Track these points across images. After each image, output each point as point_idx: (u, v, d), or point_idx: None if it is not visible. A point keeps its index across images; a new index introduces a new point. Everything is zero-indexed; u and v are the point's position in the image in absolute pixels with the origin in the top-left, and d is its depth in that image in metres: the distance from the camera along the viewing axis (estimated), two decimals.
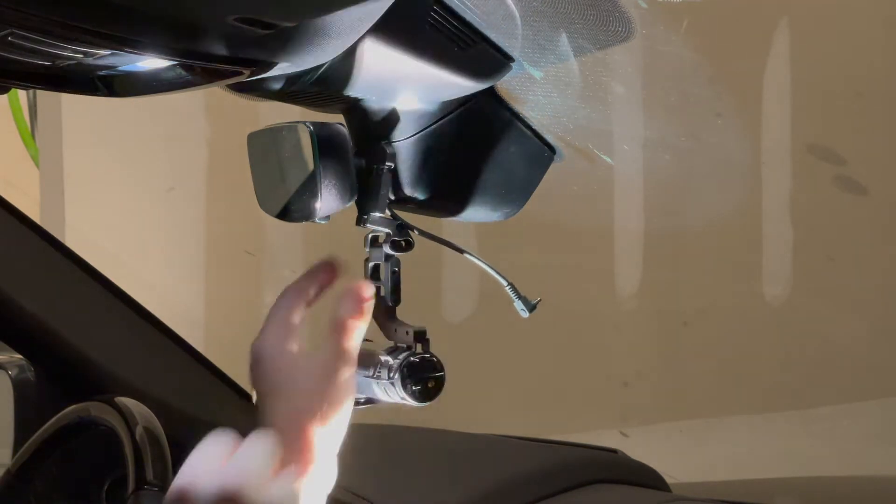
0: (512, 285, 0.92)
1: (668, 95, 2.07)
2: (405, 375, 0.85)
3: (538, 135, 0.93)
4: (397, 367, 0.85)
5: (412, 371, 0.85)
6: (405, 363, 0.85)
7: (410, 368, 0.85)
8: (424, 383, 0.86)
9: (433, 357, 0.86)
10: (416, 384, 0.85)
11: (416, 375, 0.85)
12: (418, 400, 0.86)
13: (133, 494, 1.25)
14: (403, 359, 0.85)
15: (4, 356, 1.62)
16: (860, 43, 2.62)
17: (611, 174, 2.64)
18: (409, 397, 0.86)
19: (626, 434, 2.75)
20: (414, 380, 0.85)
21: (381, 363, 0.86)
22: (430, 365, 0.86)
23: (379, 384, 0.87)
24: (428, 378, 0.86)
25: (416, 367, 0.85)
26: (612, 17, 0.85)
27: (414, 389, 0.85)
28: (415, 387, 0.85)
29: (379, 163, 0.87)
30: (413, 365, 0.85)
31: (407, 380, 0.85)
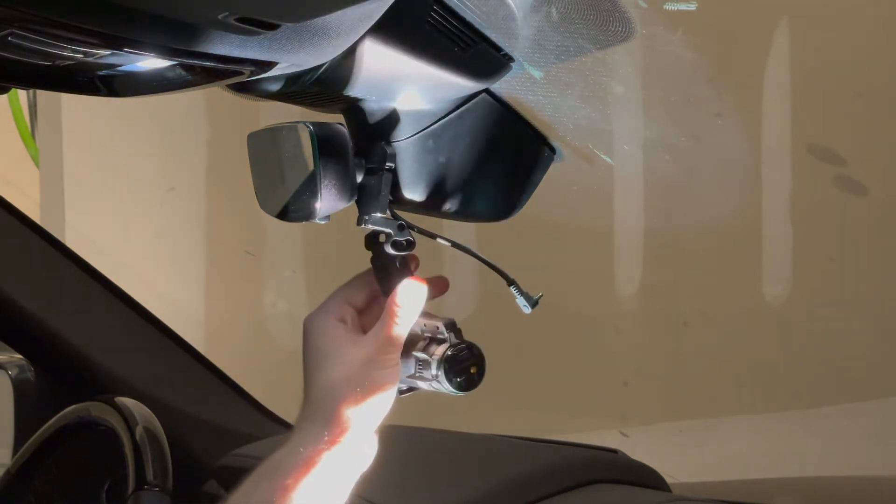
0: (514, 282, 0.92)
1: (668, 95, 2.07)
2: (447, 370, 0.85)
3: (538, 135, 0.93)
4: (437, 363, 0.85)
5: (452, 364, 0.85)
6: (444, 358, 0.85)
7: (450, 362, 0.85)
8: (467, 372, 0.86)
9: (472, 344, 0.87)
10: (459, 375, 0.85)
11: (458, 367, 0.85)
12: (464, 390, 0.87)
13: (133, 494, 1.25)
14: (441, 353, 0.85)
15: (4, 356, 1.62)
16: (860, 43, 2.62)
17: (611, 174, 2.64)
18: (455, 389, 0.86)
19: (626, 434, 2.75)
20: (456, 372, 0.85)
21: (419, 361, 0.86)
22: (467, 354, 0.86)
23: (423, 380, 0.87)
24: (469, 366, 0.86)
25: (455, 359, 0.85)
26: (612, 17, 0.85)
27: (458, 381, 0.86)
28: (458, 378, 0.86)
29: (379, 163, 0.87)
30: (452, 358, 0.85)
31: (450, 373, 0.85)
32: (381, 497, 1.21)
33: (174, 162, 3.04)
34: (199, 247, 3.04)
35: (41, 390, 1.59)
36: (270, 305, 3.04)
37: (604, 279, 2.84)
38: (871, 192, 2.65)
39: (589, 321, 2.85)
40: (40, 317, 1.52)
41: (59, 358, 1.54)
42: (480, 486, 1.25)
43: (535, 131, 0.92)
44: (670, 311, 2.82)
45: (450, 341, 0.86)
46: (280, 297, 3.04)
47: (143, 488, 1.25)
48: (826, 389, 2.70)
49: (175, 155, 3.03)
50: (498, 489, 1.25)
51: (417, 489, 1.27)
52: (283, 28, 0.68)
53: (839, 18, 2.65)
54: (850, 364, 2.67)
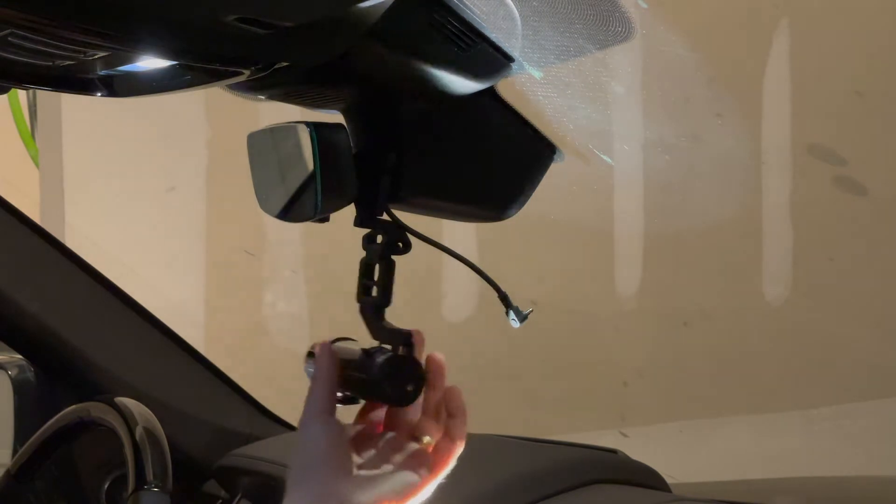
0: (504, 294, 0.91)
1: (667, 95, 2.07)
2: (384, 376, 0.84)
3: (538, 135, 0.92)
4: (377, 367, 0.84)
5: (392, 372, 0.84)
6: (385, 364, 0.84)
7: (391, 370, 0.84)
8: (403, 386, 0.84)
9: (415, 360, 0.85)
10: (395, 386, 0.84)
11: (396, 377, 0.84)
12: (395, 402, 0.85)
13: (133, 494, 1.25)
14: (384, 360, 0.84)
15: (4, 356, 1.62)
16: (860, 43, 2.62)
17: (611, 174, 2.64)
18: (387, 398, 0.85)
19: (626, 434, 2.75)
20: (393, 381, 0.84)
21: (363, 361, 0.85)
22: (411, 368, 0.85)
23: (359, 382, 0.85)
24: (406, 381, 0.85)
25: (396, 368, 0.84)
26: (611, 17, 0.85)
27: (391, 391, 0.84)
28: (392, 388, 0.84)
29: (379, 163, 0.87)
30: (394, 366, 0.84)
31: (385, 381, 0.84)
32: None
33: (174, 162, 3.04)
34: (199, 247, 3.04)
35: (41, 390, 1.59)
36: (270, 305, 3.04)
37: (604, 279, 2.84)
38: (871, 192, 2.65)
39: (589, 321, 2.86)
40: (40, 317, 1.52)
41: (59, 358, 1.54)
42: (480, 485, 1.24)
43: (535, 131, 0.92)
44: (670, 311, 2.82)
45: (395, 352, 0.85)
46: (280, 297, 3.04)
47: (142, 488, 1.25)
48: (826, 389, 2.70)
49: (175, 155, 3.03)
50: (498, 489, 1.25)
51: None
52: (283, 28, 0.68)
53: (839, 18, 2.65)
54: (850, 364, 2.67)
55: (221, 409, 1.63)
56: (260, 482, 1.44)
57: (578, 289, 2.85)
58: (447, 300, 2.79)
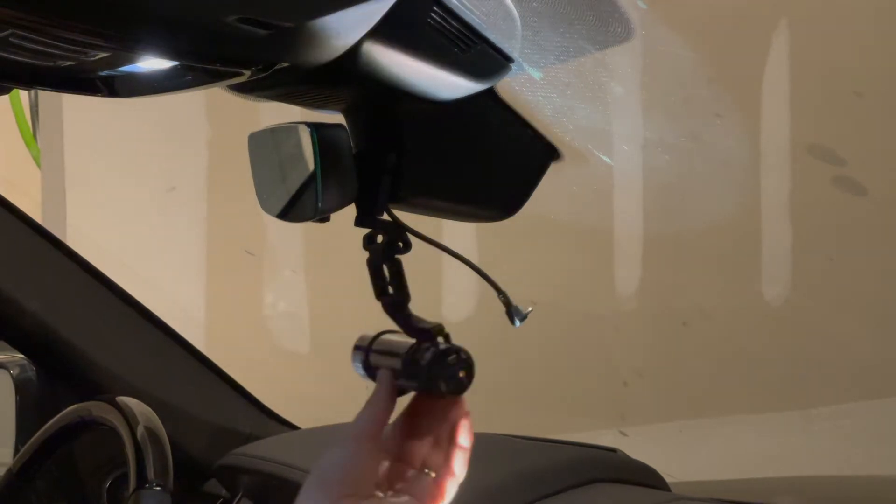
0: (504, 294, 0.91)
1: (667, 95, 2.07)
2: (437, 373, 0.85)
3: (538, 135, 0.93)
4: (426, 367, 0.85)
5: (442, 367, 0.84)
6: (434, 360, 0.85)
7: (440, 365, 0.85)
8: (456, 376, 0.85)
9: (460, 348, 0.86)
10: (449, 378, 0.85)
11: (447, 370, 0.85)
12: (454, 393, 0.86)
13: (134, 493, 1.25)
14: (430, 358, 0.85)
15: (6, 356, 1.62)
16: (860, 43, 2.62)
17: (610, 174, 2.64)
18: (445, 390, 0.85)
19: (625, 434, 2.75)
20: (446, 375, 0.85)
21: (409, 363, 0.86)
22: (457, 357, 0.85)
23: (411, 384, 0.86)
24: (458, 369, 0.85)
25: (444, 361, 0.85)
26: (611, 17, 0.85)
27: (448, 384, 0.85)
28: (447, 381, 0.85)
29: (379, 163, 0.87)
30: (442, 360, 0.85)
31: (439, 377, 0.85)
32: None
33: (174, 162, 3.04)
34: (200, 247, 3.04)
35: (42, 390, 1.59)
36: (270, 305, 3.04)
37: (604, 279, 2.84)
38: (870, 192, 2.65)
39: (589, 321, 2.86)
40: (42, 316, 1.52)
41: (61, 358, 1.54)
42: (480, 484, 1.24)
43: (535, 131, 0.92)
44: (670, 311, 2.82)
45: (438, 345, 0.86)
46: (280, 297, 3.04)
47: (144, 487, 1.25)
48: (826, 389, 2.70)
49: (175, 155, 3.04)
50: (498, 488, 1.25)
51: None
52: (283, 28, 0.68)
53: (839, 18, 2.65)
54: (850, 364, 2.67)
55: (222, 408, 1.64)
56: (260, 481, 1.44)
57: (578, 289, 2.85)
58: (447, 300, 2.79)
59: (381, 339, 0.89)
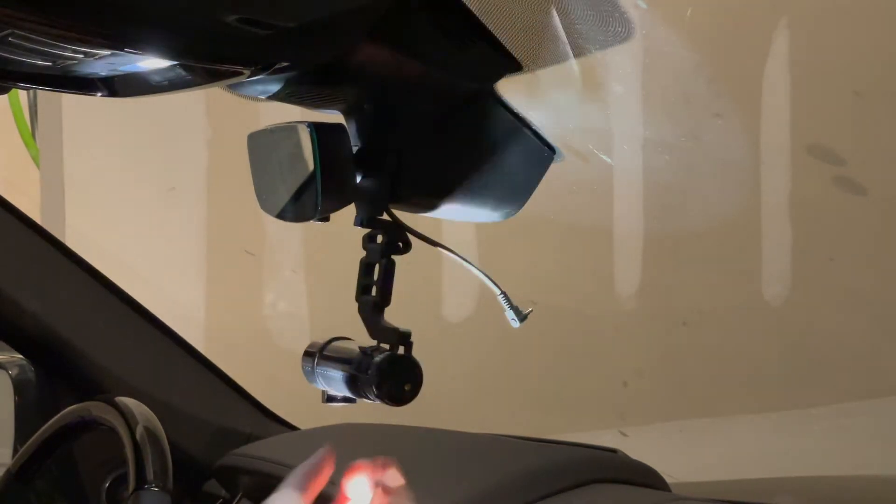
0: (504, 294, 0.91)
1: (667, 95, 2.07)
2: (383, 375, 0.84)
3: (538, 135, 0.93)
4: (375, 365, 0.85)
5: (389, 371, 0.84)
6: (383, 363, 0.85)
7: (388, 369, 0.84)
8: (400, 385, 0.85)
9: (413, 360, 0.86)
10: (393, 385, 0.85)
11: (394, 377, 0.84)
12: (391, 401, 0.85)
13: (133, 493, 1.25)
14: (382, 358, 0.85)
15: (5, 356, 1.62)
16: (860, 43, 2.62)
17: (610, 174, 2.64)
18: (384, 397, 0.85)
19: (625, 434, 2.75)
20: (391, 381, 0.84)
21: (360, 360, 0.86)
22: (408, 367, 0.85)
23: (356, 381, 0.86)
24: (404, 380, 0.85)
25: (393, 367, 0.85)
26: (611, 17, 0.85)
27: (388, 390, 0.85)
28: (390, 387, 0.85)
29: (379, 163, 0.87)
30: (391, 365, 0.85)
31: (383, 380, 0.84)
32: None
33: (174, 162, 3.04)
34: (199, 247, 3.04)
35: (41, 390, 1.59)
36: (270, 305, 3.04)
37: (604, 279, 2.84)
38: (870, 192, 2.64)
39: (589, 321, 2.85)
40: (41, 317, 1.52)
41: (60, 358, 1.54)
42: (480, 485, 1.25)
43: (535, 131, 0.92)
44: (670, 311, 2.82)
45: (395, 351, 0.86)
46: (280, 297, 3.04)
47: (143, 488, 1.25)
48: (826, 389, 2.70)
49: (175, 155, 3.04)
50: (497, 489, 1.25)
51: (417, 489, 1.27)
52: (282, 28, 0.68)
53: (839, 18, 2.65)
54: (849, 364, 2.67)
55: (222, 408, 1.63)
56: (260, 482, 1.44)
57: (578, 289, 2.85)
58: (447, 300, 2.79)
59: (332, 345, 0.89)
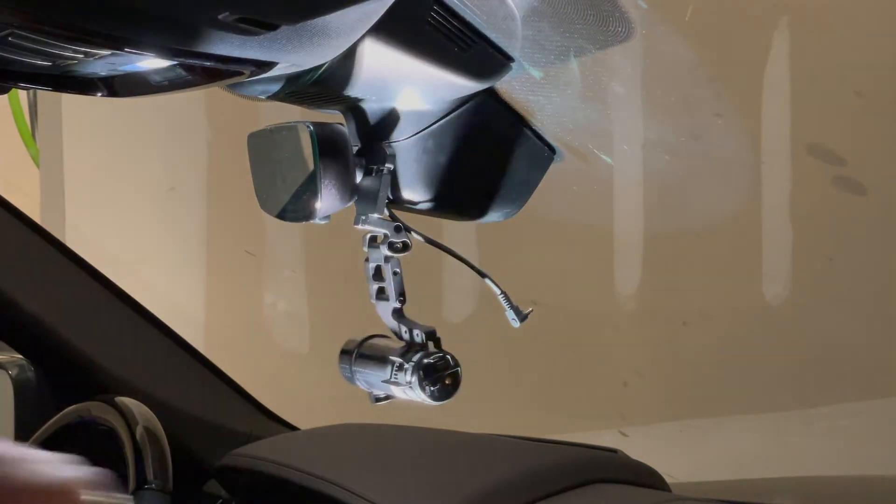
0: (505, 294, 0.91)
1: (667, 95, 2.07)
2: (422, 378, 0.85)
3: (538, 135, 0.93)
4: (412, 369, 0.85)
5: (428, 372, 0.85)
6: (420, 365, 0.85)
7: (426, 370, 0.85)
8: (442, 382, 0.86)
9: (446, 354, 0.86)
10: (434, 384, 0.85)
11: (433, 376, 0.85)
12: (438, 399, 0.86)
13: (133, 494, 1.25)
14: (418, 361, 0.85)
15: (5, 356, 1.62)
16: (860, 43, 2.62)
17: (610, 174, 2.64)
18: (429, 398, 0.86)
19: (625, 434, 2.75)
20: (431, 380, 0.85)
21: (395, 366, 0.86)
22: (444, 363, 0.86)
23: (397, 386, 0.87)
24: (445, 376, 0.86)
25: (431, 367, 0.85)
26: (611, 17, 0.85)
27: (432, 390, 0.85)
28: (433, 387, 0.85)
29: (379, 163, 0.87)
30: (428, 366, 0.85)
31: (424, 382, 0.85)
32: (381, 497, 1.21)
33: (174, 162, 3.04)
34: (199, 247, 3.04)
35: (41, 390, 1.59)
36: (270, 305, 3.04)
37: (604, 279, 2.84)
38: (870, 192, 2.64)
39: (589, 321, 2.86)
40: (40, 317, 1.52)
41: (60, 358, 1.54)
42: (480, 485, 1.25)
43: (535, 131, 0.92)
44: (670, 311, 2.81)
45: (427, 349, 0.86)
46: (280, 297, 3.04)
47: (143, 488, 1.25)
48: (826, 389, 2.70)
49: (175, 155, 3.03)
50: (498, 489, 1.25)
51: (417, 489, 1.27)
52: (282, 28, 0.68)
53: (839, 18, 2.65)
54: (850, 364, 2.67)
55: (221, 408, 1.63)
56: (260, 482, 1.44)
57: (578, 289, 2.85)
58: (447, 300, 2.79)
59: (368, 344, 0.89)
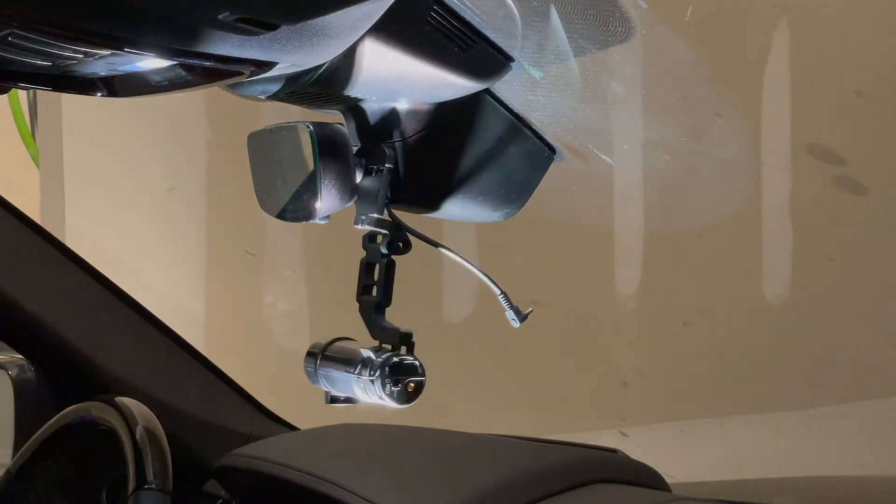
0: (505, 294, 0.91)
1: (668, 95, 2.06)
2: (386, 375, 0.85)
3: (538, 135, 0.93)
4: (379, 365, 0.85)
5: (393, 371, 0.85)
6: (387, 363, 0.85)
7: (392, 369, 0.85)
8: (404, 385, 0.85)
9: (416, 360, 0.86)
10: (396, 385, 0.85)
11: (397, 376, 0.85)
12: (396, 401, 0.86)
13: (133, 494, 1.25)
14: (386, 359, 0.85)
15: (5, 356, 1.62)
16: (860, 43, 2.62)
17: (611, 174, 2.64)
18: (388, 397, 0.86)
19: (626, 434, 2.75)
20: (394, 380, 0.85)
21: (363, 361, 0.86)
22: (411, 367, 0.86)
23: (359, 382, 0.86)
24: (408, 380, 0.86)
25: (397, 368, 0.85)
26: (611, 17, 0.85)
27: (393, 390, 0.85)
28: (394, 387, 0.85)
29: (379, 163, 0.87)
30: (395, 366, 0.85)
31: (387, 379, 0.85)
32: (381, 497, 1.21)
33: (174, 162, 3.04)
34: (199, 247, 3.04)
35: (41, 390, 1.59)
36: (270, 305, 3.04)
37: (604, 279, 2.84)
38: (871, 192, 2.65)
39: (589, 321, 2.86)
40: (40, 317, 1.52)
41: (60, 358, 1.54)
42: (480, 485, 1.24)
43: (535, 131, 0.92)
44: (670, 311, 2.82)
45: (397, 351, 0.86)
46: (280, 297, 3.04)
47: (143, 488, 1.25)
48: (826, 389, 2.70)
49: (175, 155, 3.03)
50: (498, 489, 1.25)
51: (417, 489, 1.27)
52: (282, 28, 0.68)
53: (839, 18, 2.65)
54: (849, 364, 2.67)
55: (221, 409, 1.63)
56: (260, 482, 1.44)
57: (578, 289, 2.85)
58: (447, 300, 2.79)
59: (335, 346, 0.89)
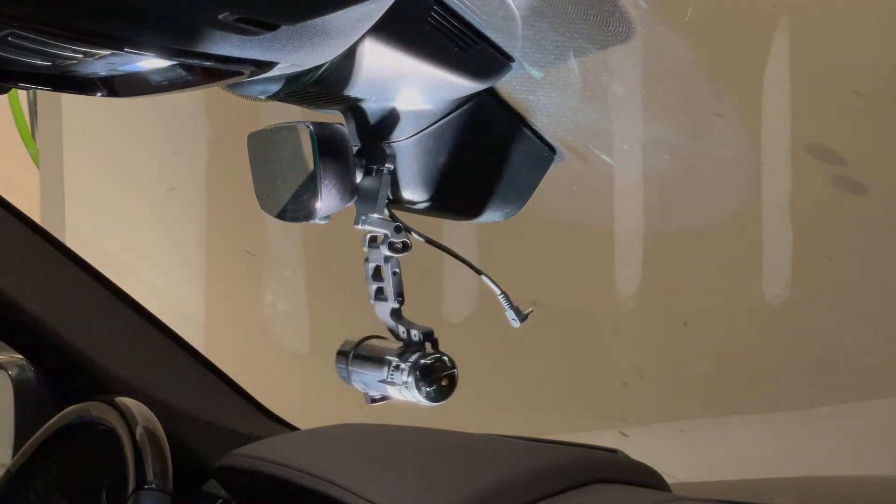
0: (505, 294, 0.91)
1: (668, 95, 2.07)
2: (419, 378, 0.85)
3: (538, 135, 0.93)
4: (409, 370, 0.85)
5: (425, 373, 0.85)
6: (417, 366, 0.85)
7: (423, 371, 0.85)
8: (438, 383, 0.86)
9: (442, 355, 0.86)
10: (430, 385, 0.85)
11: (430, 377, 0.85)
12: (434, 400, 0.86)
13: (133, 494, 1.25)
14: (415, 361, 0.85)
15: (5, 356, 1.62)
16: (860, 43, 2.62)
17: (611, 174, 2.64)
18: (425, 399, 0.86)
19: (625, 434, 2.75)
20: (428, 381, 0.85)
21: (392, 366, 0.86)
22: (441, 364, 0.86)
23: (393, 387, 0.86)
24: (441, 377, 0.86)
25: (428, 368, 0.85)
26: (612, 17, 0.85)
27: (428, 391, 0.85)
28: (429, 388, 0.85)
29: (379, 163, 0.87)
30: (425, 367, 0.85)
31: (421, 382, 0.85)
32: (381, 497, 1.21)
33: (174, 162, 3.04)
34: (199, 247, 3.04)
35: (41, 390, 1.59)
36: (270, 305, 3.04)
37: (604, 279, 2.84)
38: (870, 192, 2.64)
39: (589, 321, 2.86)
40: (40, 317, 1.52)
41: (60, 358, 1.54)
42: (480, 485, 1.24)
43: (535, 131, 0.92)
44: (670, 311, 2.82)
45: (424, 350, 0.86)
46: (280, 297, 3.04)
47: (143, 488, 1.25)
48: (826, 389, 2.70)
49: (175, 155, 3.03)
50: (498, 489, 1.25)
51: (417, 489, 1.27)
52: (282, 28, 0.68)
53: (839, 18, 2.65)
54: (849, 364, 2.67)
55: (221, 409, 1.63)
56: (260, 482, 1.44)
57: (578, 289, 2.85)
58: (447, 300, 2.79)
59: (365, 345, 0.89)
